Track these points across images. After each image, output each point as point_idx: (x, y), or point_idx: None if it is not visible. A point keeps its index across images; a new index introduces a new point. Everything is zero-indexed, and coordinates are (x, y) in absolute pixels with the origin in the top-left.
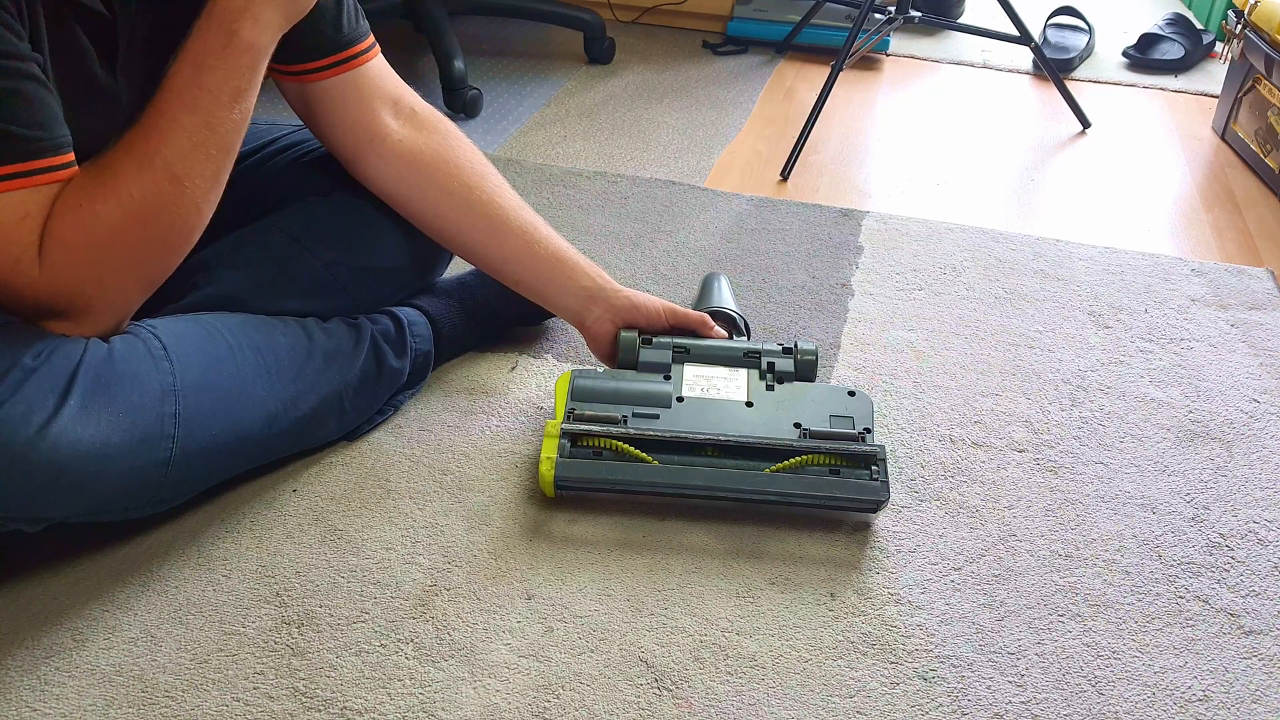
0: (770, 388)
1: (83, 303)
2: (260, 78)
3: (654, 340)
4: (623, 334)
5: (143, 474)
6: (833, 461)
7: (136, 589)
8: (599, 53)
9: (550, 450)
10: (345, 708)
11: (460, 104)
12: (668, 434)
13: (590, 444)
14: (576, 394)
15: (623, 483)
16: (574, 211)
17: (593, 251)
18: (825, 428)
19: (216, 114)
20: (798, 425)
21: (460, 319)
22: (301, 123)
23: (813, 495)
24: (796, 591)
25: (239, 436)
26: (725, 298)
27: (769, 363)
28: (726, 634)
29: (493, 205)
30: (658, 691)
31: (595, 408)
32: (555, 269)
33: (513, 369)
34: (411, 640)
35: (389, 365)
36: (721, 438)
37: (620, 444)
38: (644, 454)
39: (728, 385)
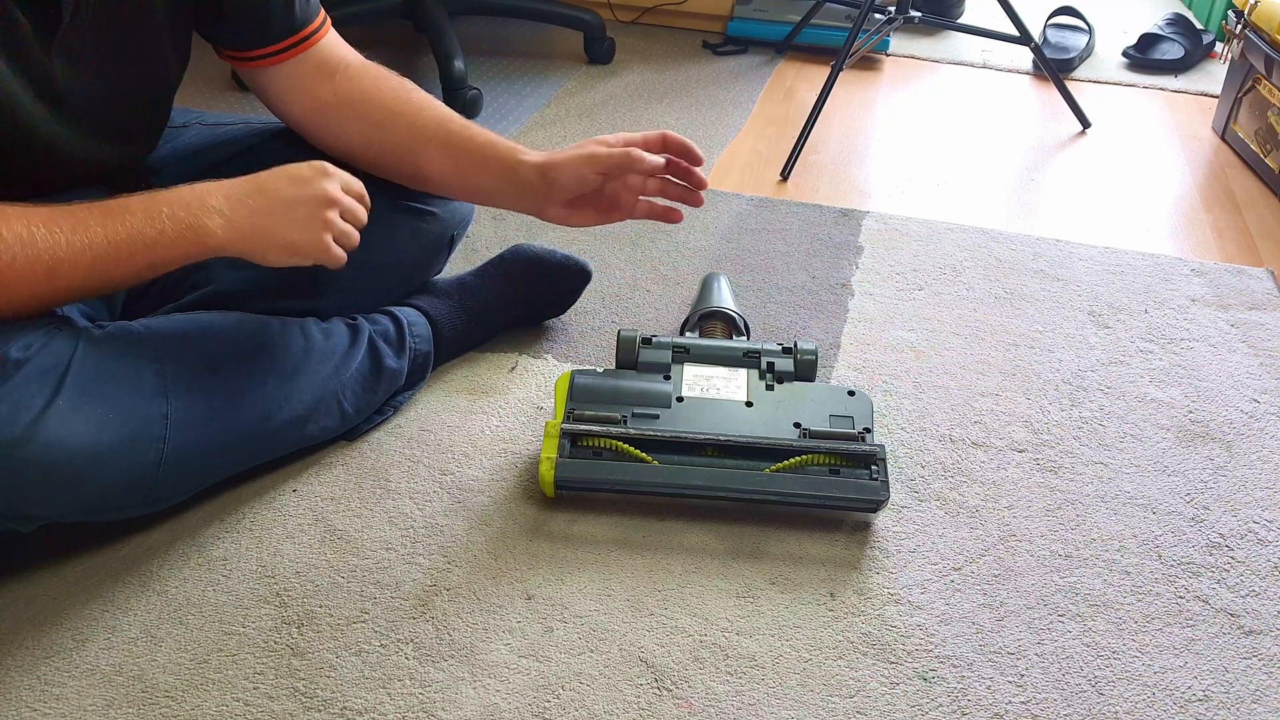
0: (770, 387)
1: None
2: (187, 263)
3: (654, 340)
4: (622, 334)
5: (135, 473)
6: (833, 461)
7: (136, 589)
8: (599, 53)
9: (550, 450)
10: (345, 708)
11: (460, 104)
12: (667, 434)
13: (590, 444)
14: (576, 394)
15: (623, 483)
16: None
17: (593, 251)
18: (825, 427)
19: (132, 256)
20: (797, 425)
21: (460, 319)
22: None
23: (813, 495)
24: (796, 591)
25: (233, 436)
26: (725, 298)
27: (769, 363)
28: (726, 634)
29: (417, 122)
30: (658, 691)
31: (595, 408)
32: (476, 156)
33: (513, 369)
34: (411, 640)
35: (387, 365)
36: (721, 438)
37: (620, 444)
38: (644, 454)
39: (727, 385)
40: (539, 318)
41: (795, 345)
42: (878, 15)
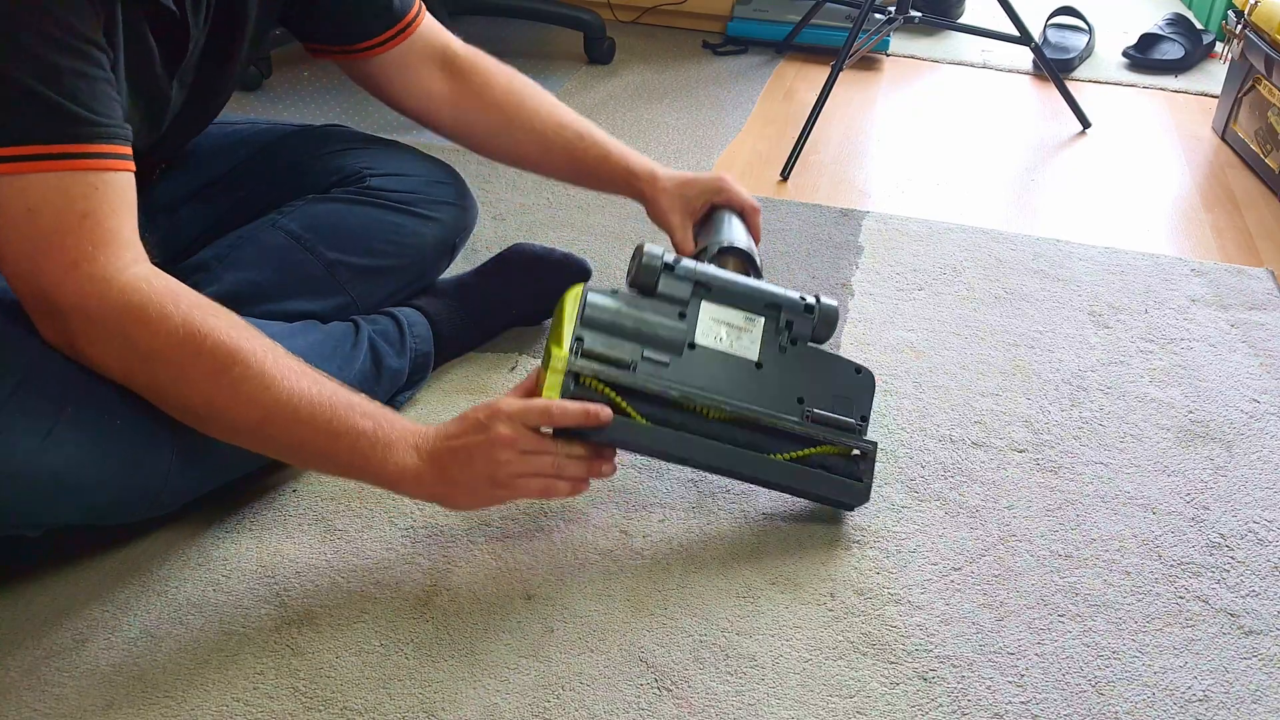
0: (783, 348)
1: (98, 356)
2: (361, 477)
3: (678, 268)
4: (645, 254)
5: (142, 481)
6: (828, 452)
7: (136, 589)
8: (599, 53)
9: (554, 388)
10: (345, 708)
11: None
12: (675, 391)
13: (594, 386)
14: (588, 320)
15: (620, 441)
16: (574, 211)
17: (593, 251)
18: (827, 409)
19: (331, 433)
20: (800, 400)
21: (460, 319)
22: (300, 123)
23: (796, 485)
24: (796, 591)
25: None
26: (737, 234)
27: (788, 320)
28: (726, 634)
29: (533, 132)
30: (658, 691)
31: (605, 341)
32: (601, 170)
33: (513, 369)
34: (411, 640)
35: (388, 365)
36: (726, 406)
37: (622, 402)
38: (642, 418)
39: (741, 339)
40: (539, 317)
41: (818, 301)
42: (878, 15)
